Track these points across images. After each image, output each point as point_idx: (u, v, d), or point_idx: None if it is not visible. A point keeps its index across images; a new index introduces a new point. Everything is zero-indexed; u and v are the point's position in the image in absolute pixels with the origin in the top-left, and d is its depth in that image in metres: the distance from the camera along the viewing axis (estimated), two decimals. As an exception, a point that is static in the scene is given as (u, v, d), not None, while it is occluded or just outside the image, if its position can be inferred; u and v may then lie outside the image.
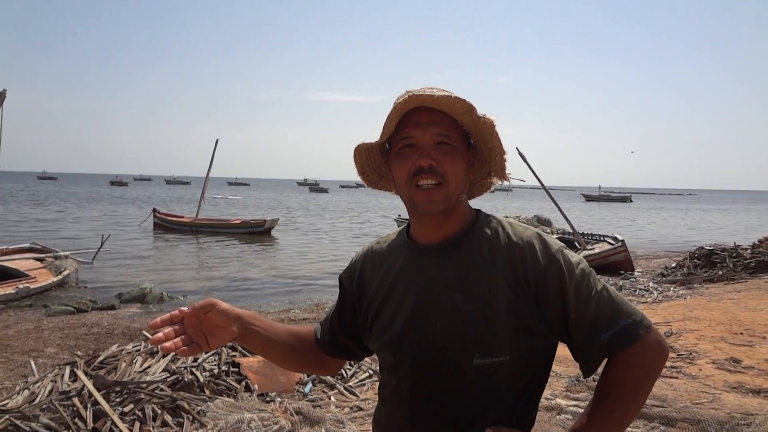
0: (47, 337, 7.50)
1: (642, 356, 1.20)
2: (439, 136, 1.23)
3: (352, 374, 5.46)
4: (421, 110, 1.23)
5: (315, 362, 1.50)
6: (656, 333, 1.23)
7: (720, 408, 4.29)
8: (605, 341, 1.20)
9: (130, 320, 8.82)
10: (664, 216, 48.31)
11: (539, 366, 1.28)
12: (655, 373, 1.24)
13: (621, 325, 1.20)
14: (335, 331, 1.46)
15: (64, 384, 4.56)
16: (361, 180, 1.42)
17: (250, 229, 24.40)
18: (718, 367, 5.43)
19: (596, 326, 1.20)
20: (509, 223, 1.31)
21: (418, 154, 1.23)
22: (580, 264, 1.24)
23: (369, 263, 1.42)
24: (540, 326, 1.22)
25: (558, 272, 1.21)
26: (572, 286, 1.21)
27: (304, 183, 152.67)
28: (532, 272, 1.21)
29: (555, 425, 4.08)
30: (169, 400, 4.23)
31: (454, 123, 1.25)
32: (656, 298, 10.20)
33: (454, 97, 1.20)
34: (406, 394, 1.30)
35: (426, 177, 1.22)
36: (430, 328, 1.25)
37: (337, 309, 1.48)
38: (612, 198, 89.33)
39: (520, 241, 1.26)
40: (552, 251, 1.23)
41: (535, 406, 1.30)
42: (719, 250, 13.59)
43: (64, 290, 11.30)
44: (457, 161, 1.25)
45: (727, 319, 7.31)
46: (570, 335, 1.23)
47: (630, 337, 1.20)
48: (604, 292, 1.23)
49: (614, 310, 1.21)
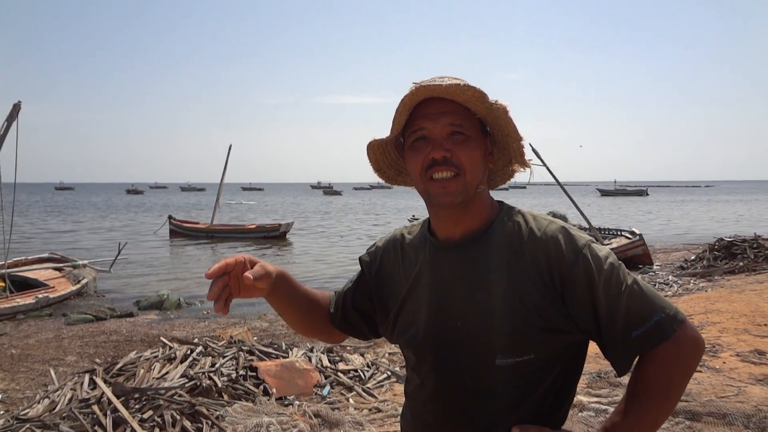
0: (67, 345, 7.56)
1: (676, 353, 1.14)
2: (452, 126, 1.19)
3: (370, 376, 5.44)
4: (431, 101, 1.19)
5: (323, 330, 1.49)
6: (691, 327, 1.17)
7: (746, 401, 4.20)
8: (637, 338, 1.14)
9: (148, 327, 8.87)
10: (683, 209, 47.81)
11: (567, 363, 1.23)
12: (691, 369, 1.17)
13: (654, 320, 1.14)
14: (348, 308, 1.45)
15: (83, 392, 4.58)
16: (378, 178, 1.39)
17: (265, 233, 24.52)
18: (742, 360, 5.32)
19: (628, 323, 1.14)
20: (533, 217, 1.26)
21: (431, 146, 1.19)
22: (608, 258, 1.17)
23: (391, 253, 1.40)
24: (566, 324, 1.17)
25: (586, 268, 1.15)
26: (601, 282, 1.14)
27: (318, 186, 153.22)
28: (558, 269, 1.16)
29: (577, 422, 4.03)
30: (188, 405, 4.23)
31: (467, 111, 1.20)
32: (676, 291, 10.07)
33: (464, 85, 1.15)
34: (429, 392, 1.28)
35: (441, 169, 1.18)
36: (452, 328, 1.22)
37: (352, 288, 1.46)
38: (628, 192, 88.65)
39: (545, 235, 1.20)
40: (579, 246, 1.17)
41: (565, 402, 1.25)
42: (739, 241, 13.39)
43: (83, 299, 11.40)
44: (472, 150, 1.20)
45: (750, 311, 7.18)
46: (600, 333, 1.17)
47: (664, 334, 1.13)
48: (635, 286, 1.16)
49: (646, 305, 1.15)
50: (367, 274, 1.43)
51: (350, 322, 1.46)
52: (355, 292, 1.45)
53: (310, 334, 1.50)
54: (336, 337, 1.51)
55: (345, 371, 5.46)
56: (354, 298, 1.44)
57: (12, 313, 9.48)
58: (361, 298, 1.44)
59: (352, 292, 1.45)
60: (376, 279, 1.41)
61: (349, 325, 1.46)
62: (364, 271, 1.45)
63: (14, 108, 9.95)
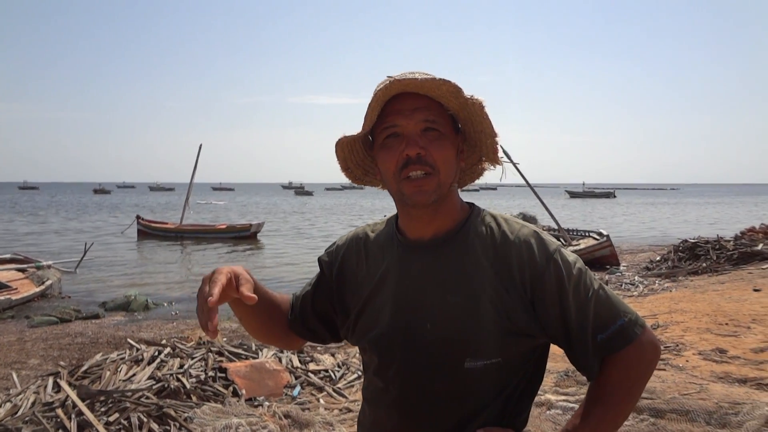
0: (30, 348, 7.38)
1: (638, 356, 1.17)
2: (426, 122, 1.16)
3: (341, 376, 5.43)
4: (404, 96, 1.16)
5: (281, 337, 1.42)
6: (650, 332, 1.20)
7: (708, 398, 4.31)
8: (602, 342, 1.16)
9: (114, 329, 8.71)
10: (649, 211, 48.79)
11: (531, 366, 1.24)
12: (649, 372, 1.21)
13: (618, 324, 1.17)
14: (307, 313, 1.39)
15: (47, 395, 4.48)
16: (345, 177, 1.33)
17: (236, 233, 24.27)
18: (704, 358, 5.45)
19: (594, 327, 1.16)
20: (505, 220, 1.25)
21: (405, 143, 1.16)
22: (577, 263, 1.19)
23: (354, 252, 1.35)
24: (534, 328, 1.17)
25: (556, 273, 1.16)
26: (571, 287, 1.16)
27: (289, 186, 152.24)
28: (529, 273, 1.16)
29: (545, 420, 4.08)
30: (155, 407, 4.16)
31: (440, 108, 1.17)
32: (642, 291, 10.27)
33: (439, 80, 1.12)
34: (394, 396, 1.24)
35: (415, 168, 1.15)
36: (420, 330, 1.20)
37: (311, 291, 1.40)
38: (596, 194, 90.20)
39: (517, 239, 1.19)
40: (550, 251, 1.18)
41: (528, 405, 1.26)
42: (703, 242, 13.72)
43: (47, 300, 11.15)
44: (446, 148, 1.18)
45: (712, 311, 7.36)
46: (569, 338, 1.18)
47: (627, 338, 1.17)
48: (601, 291, 1.18)
49: (611, 310, 1.18)
50: (328, 275, 1.38)
51: (310, 328, 1.40)
52: (314, 296, 1.39)
53: (269, 340, 1.44)
54: (295, 343, 1.45)
55: (315, 371, 5.44)
56: (313, 301, 1.39)
57: (-28, 315, 9.23)
58: (321, 300, 1.38)
59: (312, 296, 1.39)
60: (337, 279, 1.36)
61: (309, 330, 1.40)
62: (324, 272, 1.39)
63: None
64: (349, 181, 1.37)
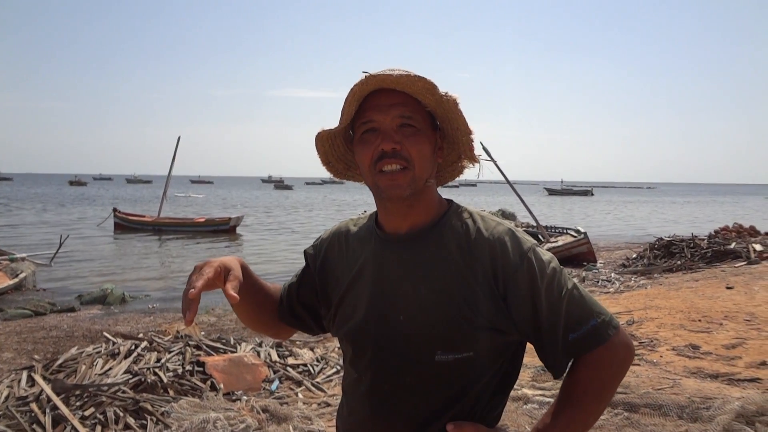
0: (3, 342, 7.25)
1: (610, 357, 1.18)
2: (402, 118, 1.18)
3: (320, 370, 5.43)
4: (381, 92, 1.18)
5: (272, 325, 1.46)
6: (624, 334, 1.21)
7: (680, 393, 4.39)
8: (574, 341, 1.17)
9: (90, 322, 8.60)
10: (626, 208, 49.41)
11: (505, 363, 1.24)
12: (622, 374, 1.22)
13: (591, 324, 1.17)
14: (293, 302, 1.43)
15: (21, 389, 4.41)
16: (326, 171, 1.35)
17: (214, 227, 24.07)
18: (678, 354, 5.56)
19: (566, 326, 1.17)
20: (481, 217, 1.26)
21: (381, 138, 1.18)
22: (551, 262, 1.20)
23: (336, 245, 1.38)
24: (506, 325, 1.18)
25: (530, 271, 1.16)
26: (544, 286, 1.16)
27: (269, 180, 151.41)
28: (502, 270, 1.17)
29: (522, 415, 4.13)
30: (132, 402, 4.13)
31: (417, 104, 1.19)
32: (618, 288, 10.41)
33: (414, 76, 1.14)
34: (366, 387, 1.27)
35: (390, 162, 1.17)
36: (393, 321, 1.22)
37: (297, 281, 1.44)
38: (574, 192, 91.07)
39: (492, 236, 1.21)
40: (524, 249, 1.19)
41: (502, 402, 1.27)
42: (677, 241, 13.95)
43: (21, 293, 10.96)
44: (422, 143, 1.19)
45: (686, 307, 7.50)
46: (540, 336, 1.18)
47: (599, 338, 1.17)
48: (575, 291, 1.19)
49: (584, 310, 1.18)
50: (312, 268, 1.41)
51: (296, 316, 1.44)
52: (299, 286, 1.43)
53: (259, 329, 1.47)
54: (284, 332, 1.50)
55: (294, 366, 5.44)
56: (299, 291, 1.42)
57: (-56, 307, 9.05)
58: (306, 291, 1.42)
59: (297, 286, 1.43)
60: (321, 272, 1.39)
61: (296, 318, 1.44)
62: (309, 265, 1.43)
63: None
64: (329, 176, 1.39)
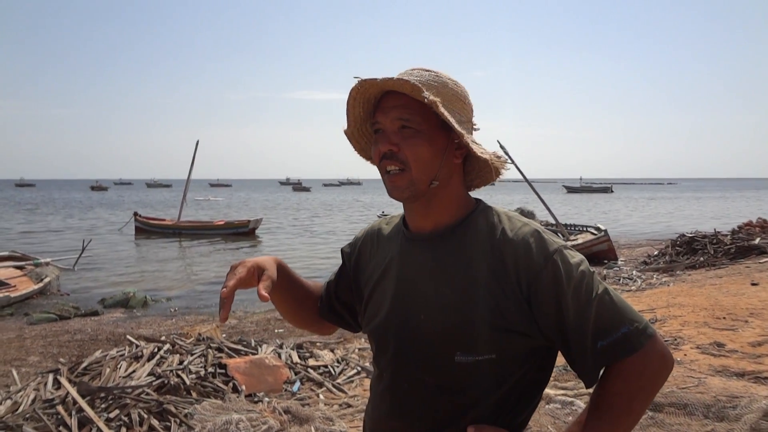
0: (29, 345, 7.39)
1: (642, 368, 1.11)
2: (400, 120, 1.19)
3: (340, 371, 5.45)
4: (389, 95, 1.20)
5: (314, 321, 1.50)
6: (660, 343, 1.14)
7: (706, 392, 4.33)
8: (602, 349, 1.11)
9: (114, 325, 8.72)
10: (647, 205, 48.86)
11: (533, 368, 1.20)
12: (656, 386, 1.14)
13: (621, 332, 1.11)
14: (332, 299, 1.46)
15: (47, 392, 4.49)
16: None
17: (234, 230, 24.24)
18: (702, 352, 5.48)
19: (595, 332, 1.11)
20: (508, 217, 1.23)
21: (380, 140, 1.21)
22: (580, 265, 1.14)
23: (369, 243, 1.41)
24: (530, 328, 1.14)
25: (554, 273, 1.12)
26: (570, 289, 1.11)
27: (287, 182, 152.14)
28: (525, 272, 1.14)
29: (544, 415, 4.10)
30: (156, 404, 4.18)
31: (422, 105, 1.16)
32: (640, 286, 10.30)
33: (396, 79, 1.14)
34: (386, 384, 1.27)
35: (389, 163, 1.20)
36: (414, 320, 1.21)
37: (335, 279, 1.48)
38: (593, 189, 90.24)
39: (516, 237, 1.17)
40: (549, 250, 1.14)
41: (528, 407, 1.22)
42: (700, 237, 13.76)
43: (46, 298, 11.13)
44: (419, 145, 1.18)
45: (710, 305, 7.39)
46: (567, 341, 1.14)
47: (631, 347, 1.11)
48: (606, 295, 1.13)
49: (615, 316, 1.12)
50: (347, 264, 1.45)
51: (336, 313, 1.47)
52: (337, 284, 1.46)
53: (302, 325, 1.50)
54: (326, 328, 1.52)
55: (315, 367, 5.46)
56: (336, 289, 1.46)
57: (-29, 312, 9.23)
58: (343, 289, 1.45)
59: (335, 284, 1.46)
60: (355, 269, 1.42)
61: (335, 315, 1.47)
62: (345, 261, 1.46)
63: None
64: (346, 177, 1.40)
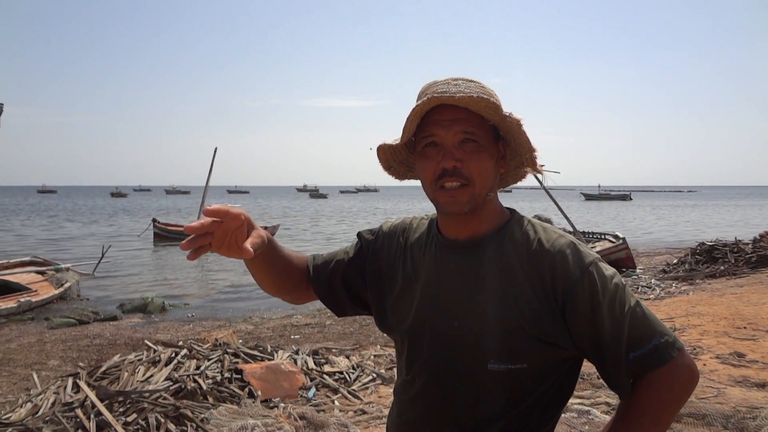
0: (49, 349, 7.49)
1: (671, 379, 1.13)
2: (464, 134, 1.17)
3: (356, 378, 5.45)
4: (444, 107, 1.18)
5: (290, 291, 1.44)
6: (688, 356, 1.16)
7: (725, 402, 4.27)
8: (634, 360, 1.13)
9: (132, 330, 8.82)
10: (666, 213, 48.31)
11: (560, 377, 1.22)
12: (683, 398, 1.17)
13: (653, 344, 1.13)
14: (336, 278, 1.41)
15: (66, 395, 4.55)
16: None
17: (250, 236, 24.30)
18: (722, 362, 5.41)
19: (628, 344, 1.13)
20: (543, 228, 1.24)
21: (442, 154, 1.18)
22: (614, 278, 1.16)
23: (394, 240, 1.39)
24: (563, 339, 1.16)
25: (591, 286, 1.13)
26: (606, 302, 1.13)
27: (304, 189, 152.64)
28: (561, 283, 1.14)
29: (560, 424, 4.07)
30: (173, 408, 4.21)
31: (480, 119, 1.18)
32: (659, 294, 10.18)
33: (477, 97, 1.13)
34: (417, 390, 1.27)
35: (451, 179, 1.17)
36: (448, 327, 1.22)
37: (346, 260, 1.42)
38: (612, 196, 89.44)
39: (552, 248, 1.18)
40: (586, 263, 1.15)
41: (554, 415, 1.24)
42: (720, 245, 13.57)
43: (66, 302, 11.28)
44: (483, 160, 1.18)
45: (730, 314, 7.29)
46: (600, 353, 1.15)
47: (661, 359, 1.13)
48: (638, 308, 1.15)
49: (647, 328, 1.14)
50: (365, 251, 1.41)
51: (334, 292, 1.42)
52: (348, 264, 1.42)
53: (277, 294, 1.44)
54: (301, 298, 1.46)
55: (330, 373, 5.47)
56: (346, 269, 1.41)
57: (-7, 316, 9.38)
58: (353, 271, 1.41)
59: (346, 264, 1.42)
60: (373, 260, 1.39)
61: (332, 294, 1.42)
62: (363, 249, 1.42)
63: (-3, 110, 9.86)
64: (363, 184, 1.39)
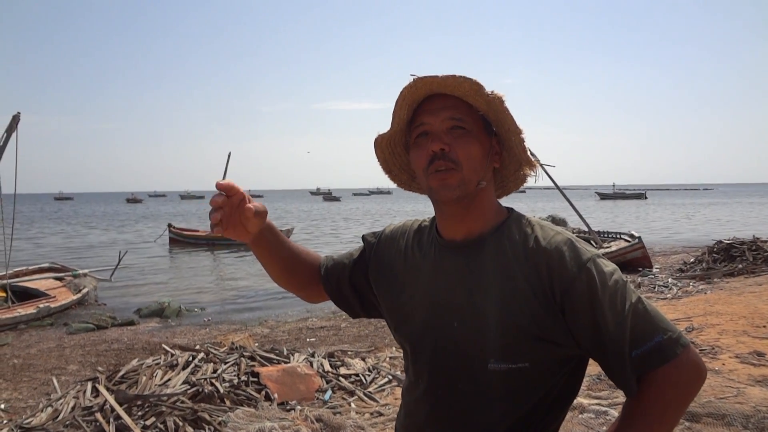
0: (69, 354, 7.58)
1: (676, 377, 1.11)
2: (452, 120, 1.19)
3: (372, 380, 5.46)
4: (434, 98, 1.21)
5: (303, 287, 1.49)
6: (694, 353, 1.13)
7: (745, 402, 4.22)
8: (636, 358, 1.11)
9: (149, 335, 8.89)
10: (682, 211, 47.84)
11: (565, 377, 1.21)
12: (690, 396, 1.14)
13: (655, 341, 1.11)
14: (343, 280, 1.46)
15: (86, 400, 4.61)
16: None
17: (266, 240, 24.39)
18: (741, 361, 5.34)
19: (630, 342, 1.11)
20: (541, 226, 1.23)
21: (431, 140, 1.20)
22: (614, 274, 1.15)
23: (397, 243, 1.40)
24: (564, 338, 1.15)
25: (588, 282, 1.12)
26: (606, 298, 1.11)
27: (317, 192, 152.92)
28: (559, 281, 1.13)
29: (577, 424, 4.05)
30: (190, 411, 4.25)
31: (469, 107, 1.20)
32: (676, 293, 10.08)
33: (459, 77, 1.15)
34: (422, 391, 1.28)
35: (440, 163, 1.19)
36: (448, 328, 1.22)
37: (351, 263, 1.46)
38: (627, 195, 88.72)
39: (549, 245, 1.17)
40: (583, 259, 1.14)
41: (560, 416, 1.24)
42: (738, 243, 13.40)
43: (84, 308, 11.39)
44: (471, 145, 1.20)
45: (749, 313, 7.20)
46: (603, 352, 1.13)
47: (664, 356, 1.10)
48: (639, 304, 1.13)
49: (649, 325, 1.12)
50: (368, 253, 1.44)
51: (343, 294, 1.46)
52: (353, 267, 1.45)
53: (289, 288, 1.48)
54: (315, 297, 1.51)
55: (346, 376, 5.48)
56: (352, 272, 1.45)
57: (14, 323, 9.48)
58: (358, 274, 1.44)
59: (351, 266, 1.45)
60: (375, 262, 1.41)
61: (342, 296, 1.47)
62: (365, 250, 1.46)
63: (13, 119, 9.97)
64: (376, 186, 1.40)
